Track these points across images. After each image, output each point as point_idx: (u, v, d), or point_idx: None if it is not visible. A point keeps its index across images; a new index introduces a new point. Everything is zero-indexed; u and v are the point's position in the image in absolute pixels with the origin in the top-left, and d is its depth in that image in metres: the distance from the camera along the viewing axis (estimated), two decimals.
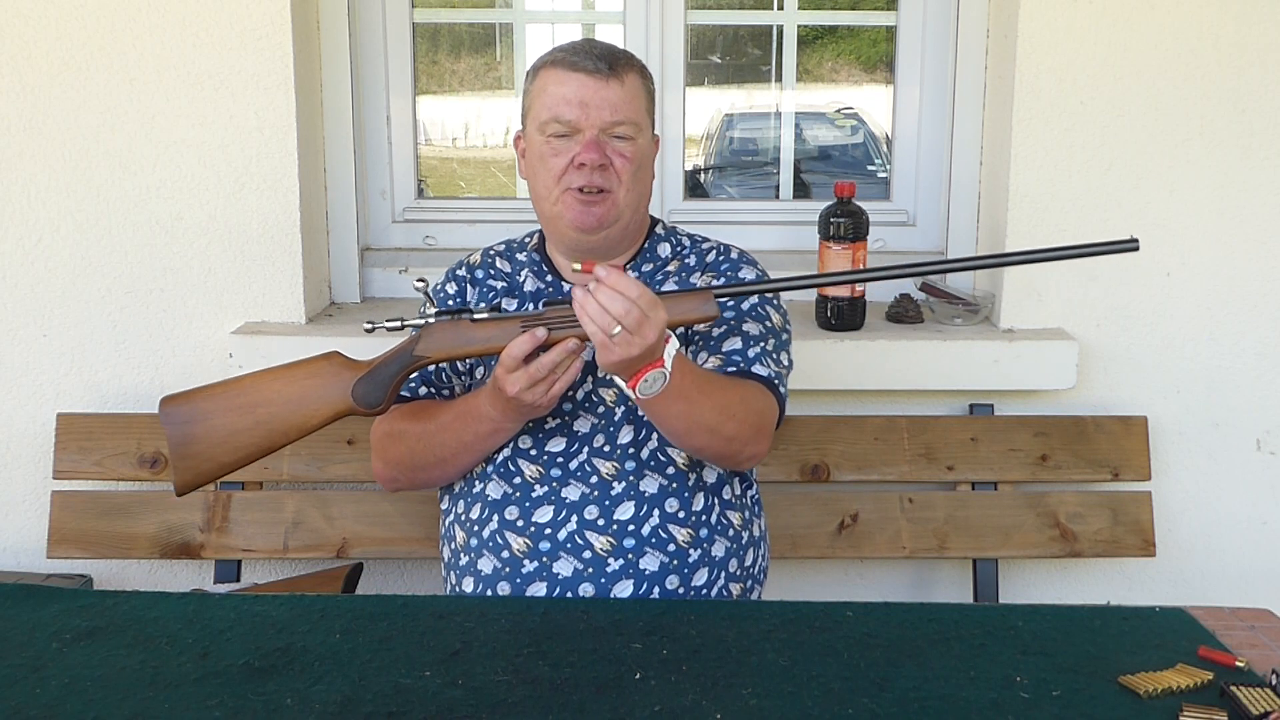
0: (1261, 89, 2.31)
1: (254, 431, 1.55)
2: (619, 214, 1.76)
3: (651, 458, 1.74)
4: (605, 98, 1.72)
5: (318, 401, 1.56)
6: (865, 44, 3.09)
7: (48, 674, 1.38)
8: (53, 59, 2.30)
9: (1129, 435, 2.37)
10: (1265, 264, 2.38)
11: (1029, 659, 1.42)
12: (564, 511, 1.72)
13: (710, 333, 1.78)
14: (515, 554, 1.72)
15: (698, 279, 1.84)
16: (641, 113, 1.77)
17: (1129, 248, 1.49)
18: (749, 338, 1.77)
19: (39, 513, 2.40)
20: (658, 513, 1.72)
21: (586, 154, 1.71)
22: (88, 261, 2.38)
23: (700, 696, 1.32)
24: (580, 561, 1.70)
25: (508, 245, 1.94)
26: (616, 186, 1.74)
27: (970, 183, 2.52)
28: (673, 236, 1.91)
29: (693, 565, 1.73)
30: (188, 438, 1.55)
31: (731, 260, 1.87)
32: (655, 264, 1.87)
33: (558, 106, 1.73)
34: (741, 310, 1.80)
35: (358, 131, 2.52)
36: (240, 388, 1.57)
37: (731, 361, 1.75)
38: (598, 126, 1.72)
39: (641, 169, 1.78)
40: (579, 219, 1.75)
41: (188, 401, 1.57)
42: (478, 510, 1.78)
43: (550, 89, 1.74)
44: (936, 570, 2.53)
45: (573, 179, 1.73)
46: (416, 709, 1.30)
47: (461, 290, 1.89)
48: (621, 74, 1.73)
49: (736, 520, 1.80)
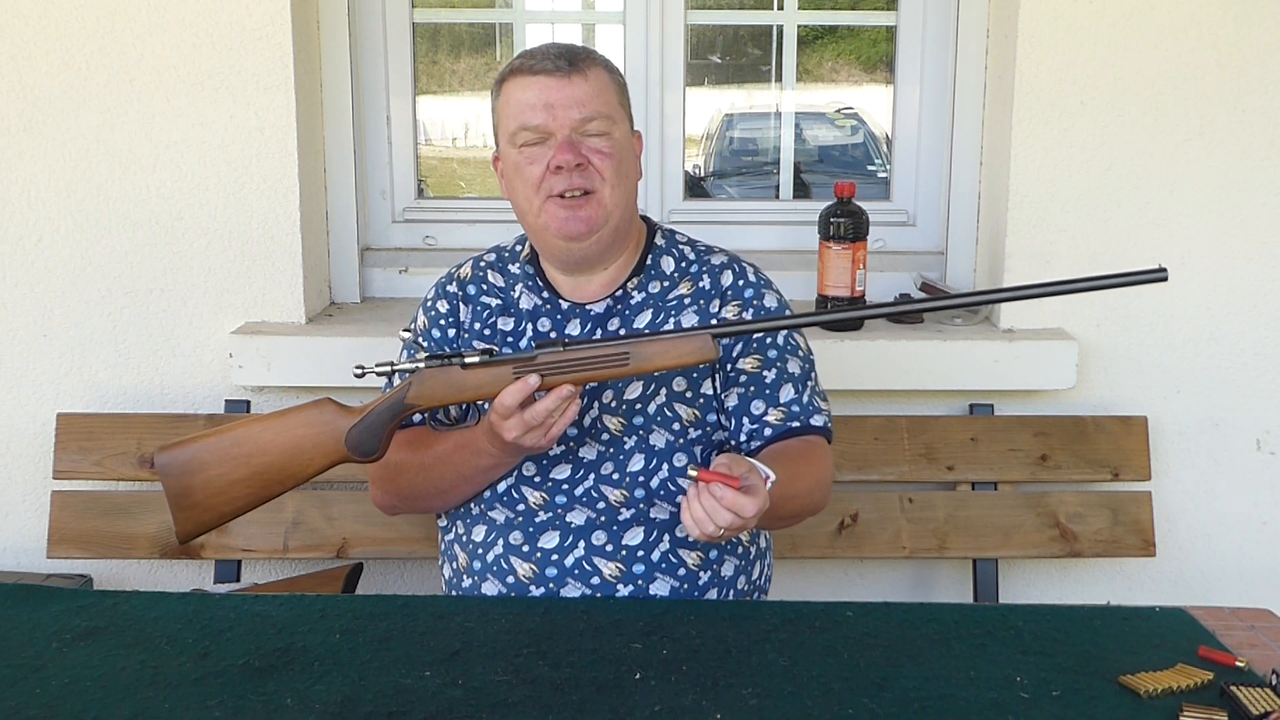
0: (1261, 89, 2.31)
1: (251, 482, 1.55)
2: (607, 214, 1.67)
3: (661, 487, 1.70)
4: (570, 95, 1.64)
5: (313, 451, 1.56)
6: (865, 44, 3.09)
7: (48, 674, 1.38)
8: (53, 59, 2.30)
9: (1129, 435, 2.37)
10: (1265, 264, 2.38)
11: (1029, 659, 1.42)
12: (570, 537, 1.69)
13: (763, 376, 1.73)
14: (521, 579, 1.69)
15: (717, 308, 1.76)
16: (613, 105, 1.69)
17: (1158, 278, 1.42)
18: (797, 380, 1.74)
19: (39, 513, 2.40)
20: (668, 538, 1.69)
21: (561, 155, 1.64)
22: (88, 261, 2.38)
23: (700, 696, 1.32)
24: (588, 588, 1.67)
25: (498, 254, 1.85)
26: (600, 185, 1.66)
27: (970, 183, 2.52)
28: (674, 248, 1.82)
29: (703, 588, 1.71)
30: (186, 488, 1.55)
31: (754, 285, 1.79)
32: (663, 281, 1.78)
33: (524, 114, 1.65)
34: (780, 347, 1.75)
35: (358, 131, 2.52)
36: (235, 437, 1.56)
37: (792, 415, 1.72)
38: (568, 126, 1.64)
39: (624, 163, 1.69)
40: (565, 227, 1.66)
41: (183, 450, 1.56)
42: (481, 533, 1.74)
43: (514, 98, 1.67)
44: (936, 570, 2.53)
45: (553, 184, 1.65)
46: (416, 709, 1.30)
47: (454, 309, 1.81)
48: (583, 68, 1.66)
49: (745, 536, 1.78)
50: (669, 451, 1.71)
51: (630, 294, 1.77)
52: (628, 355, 1.51)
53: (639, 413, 1.72)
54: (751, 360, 1.74)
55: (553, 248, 1.72)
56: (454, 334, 1.81)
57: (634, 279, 1.78)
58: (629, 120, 1.75)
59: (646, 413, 1.72)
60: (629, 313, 1.76)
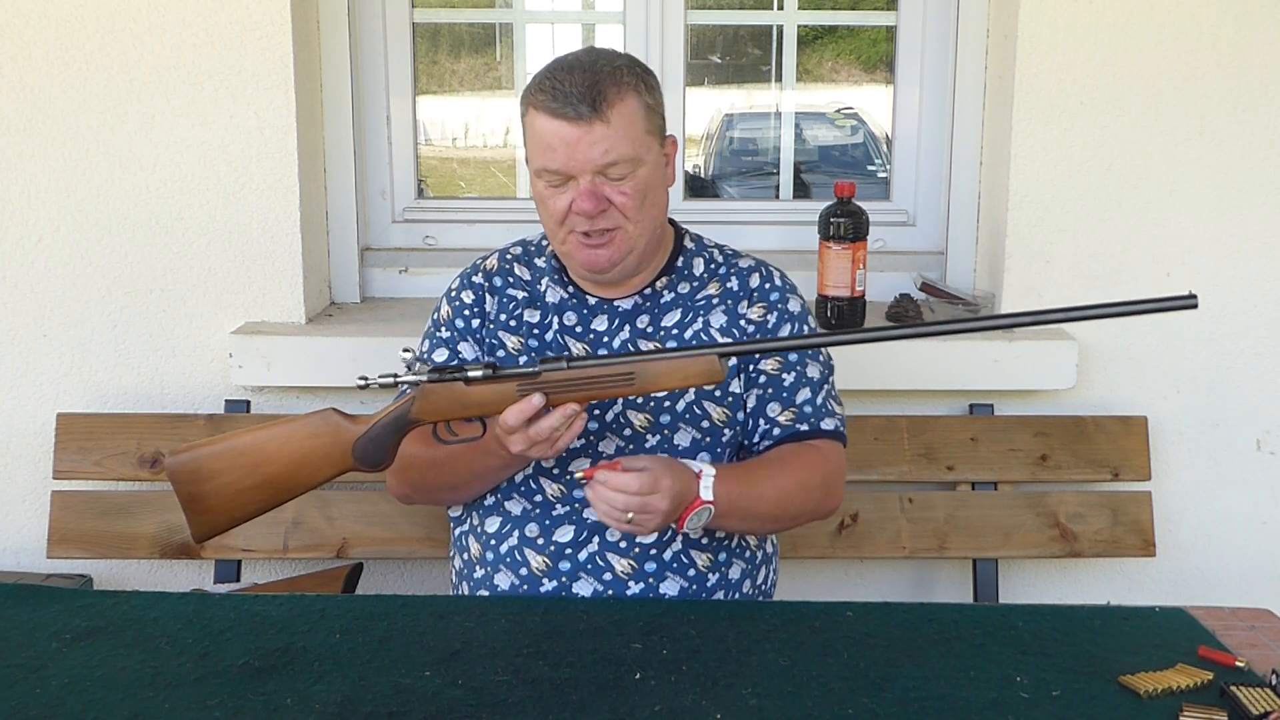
0: (1261, 89, 2.31)
1: (261, 489, 1.58)
2: (631, 246, 1.69)
3: None
4: (592, 141, 1.61)
5: (320, 461, 1.58)
6: (865, 44, 3.09)
7: (48, 674, 1.39)
8: (53, 59, 2.30)
9: (1129, 435, 2.37)
10: (1265, 264, 2.38)
11: (1029, 659, 1.42)
12: (585, 532, 1.70)
13: (781, 379, 1.75)
14: (534, 572, 1.70)
15: (745, 308, 1.78)
16: (638, 140, 1.65)
17: (1188, 305, 1.39)
18: (815, 385, 1.76)
19: (39, 513, 2.40)
20: (681, 538, 1.71)
21: (581, 203, 1.64)
22: (88, 261, 2.38)
23: (700, 696, 1.32)
24: (600, 583, 1.69)
25: (525, 249, 1.87)
26: (623, 222, 1.67)
27: (970, 183, 2.52)
28: (703, 251, 1.84)
29: (710, 590, 1.73)
30: (197, 495, 1.58)
31: (779, 290, 1.81)
32: (692, 283, 1.80)
33: (544, 155, 1.64)
34: (801, 351, 1.77)
35: (358, 131, 2.52)
36: (241, 445, 1.58)
37: (803, 417, 1.74)
38: (589, 171, 1.63)
39: (649, 196, 1.69)
40: (589, 262, 1.69)
41: (192, 460, 1.58)
42: (496, 524, 1.75)
43: (536, 130, 1.65)
44: (936, 570, 2.53)
45: (575, 223, 1.66)
46: (416, 709, 1.30)
47: (480, 299, 1.82)
48: (606, 112, 1.61)
49: (752, 541, 1.80)
50: (693, 450, 1.73)
51: (660, 293, 1.79)
52: (633, 375, 1.51)
53: (666, 410, 1.73)
54: (773, 362, 1.76)
55: (577, 271, 1.77)
56: (478, 324, 1.82)
57: (663, 278, 1.80)
58: (660, 135, 1.71)
59: (675, 410, 1.73)
60: (658, 311, 1.78)
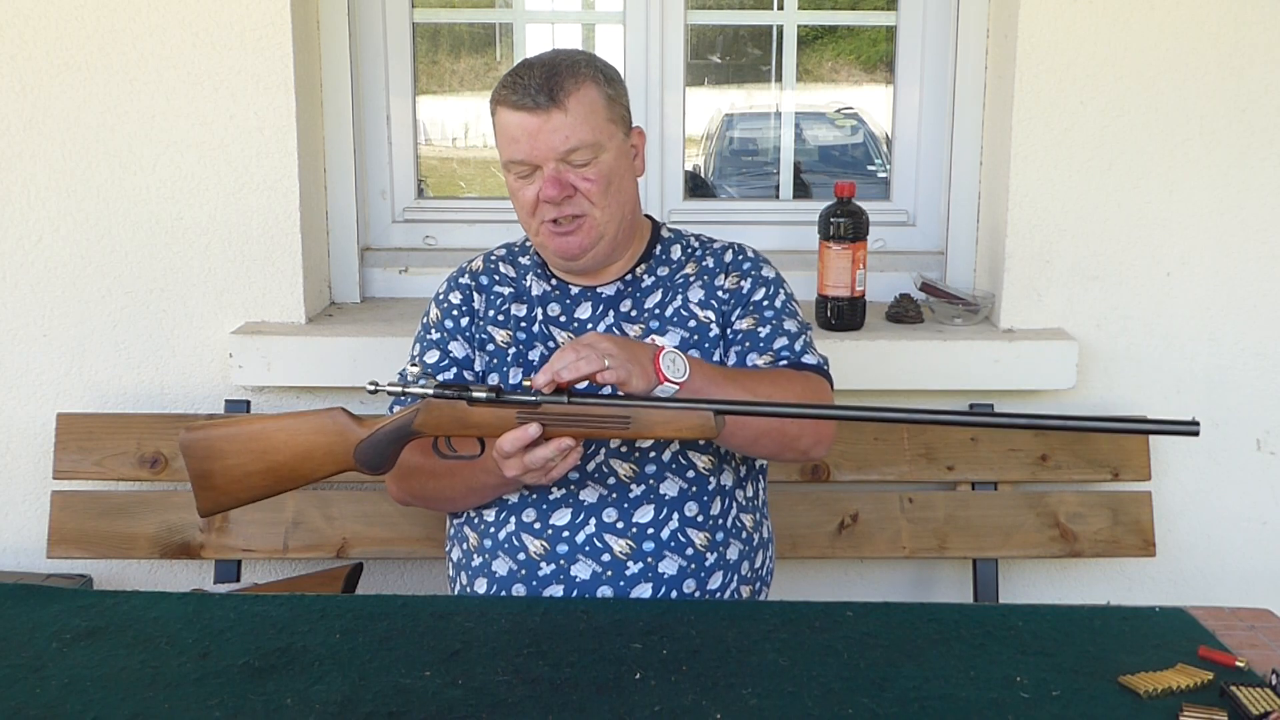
0: (1261, 89, 2.31)
1: (265, 475, 1.62)
2: (600, 232, 1.76)
3: (673, 460, 1.75)
4: (553, 129, 1.68)
5: (323, 457, 1.61)
6: (865, 44, 3.09)
7: (48, 674, 1.39)
8: (53, 59, 2.30)
9: (1129, 435, 2.36)
10: (1265, 264, 2.38)
11: (1029, 659, 1.42)
12: (582, 514, 1.73)
13: (758, 332, 1.79)
14: (532, 556, 1.72)
15: (721, 280, 1.84)
16: (599, 127, 1.71)
17: (1189, 431, 1.39)
18: (792, 335, 1.80)
19: (39, 513, 2.40)
20: (677, 516, 1.73)
21: (546, 190, 1.71)
22: (88, 261, 2.38)
23: (700, 696, 1.32)
24: (599, 564, 1.70)
25: (508, 249, 1.94)
26: (589, 208, 1.73)
27: (970, 183, 2.52)
28: (682, 239, 1.91)
29: (709, 569, 1.74)
30: (206, 473, 1.62)
31: (751, 260, 1.87)
32: (670, 267, 1.87)
33: (510, 147, 1.73)
34: (778, 309, 1.82)
35: (358, 131, 2.52)
36: (252, 431, 1.63)
37: (782, 356, 1.77)
38: (552, 159, 1.70)
39: (614, 182, 1.75)
40: (560, 249, 1.77)
41: (206, 438, 1.62)
42: (493, 512, 1.78)
43: (501, 125, 1.74)
44: (936, 570, 2.53)
45: (545, 212, 1.74)
46: (416, 709, 1.30)
47: (468, 299, 1.88)
48: (563, 99, 1.68)
49: (749, 523, 1.82)
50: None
51: (641, 278, 1.86)
52: (629, 420, 1.51)
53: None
54: (749, 320, 1.81)
55: (553, 261, 1.83)
56: (468, 322, 1.86)
57: (643, 264, 1.86)
58: (624, 125, 1.78)
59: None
60: (640, 295, 1.84)
